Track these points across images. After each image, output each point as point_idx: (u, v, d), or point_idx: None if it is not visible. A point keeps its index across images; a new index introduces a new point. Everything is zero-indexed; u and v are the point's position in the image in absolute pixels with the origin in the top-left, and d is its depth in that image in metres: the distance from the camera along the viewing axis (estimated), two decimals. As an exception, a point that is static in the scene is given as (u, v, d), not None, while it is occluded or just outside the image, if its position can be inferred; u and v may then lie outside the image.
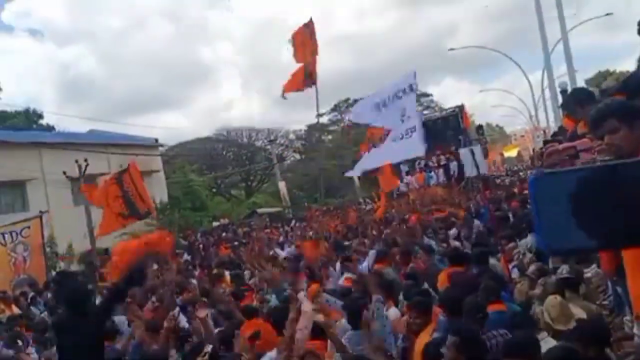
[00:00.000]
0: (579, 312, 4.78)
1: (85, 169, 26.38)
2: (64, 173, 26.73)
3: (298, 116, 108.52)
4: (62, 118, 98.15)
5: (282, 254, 13.97)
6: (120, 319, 7.29)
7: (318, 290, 6.33)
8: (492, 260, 7.90)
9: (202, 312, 6.39)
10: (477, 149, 10.99)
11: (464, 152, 12.53)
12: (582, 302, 5.40)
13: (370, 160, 9.91)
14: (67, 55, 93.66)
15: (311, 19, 15.77)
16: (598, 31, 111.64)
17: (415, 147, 10.13)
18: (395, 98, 9.72)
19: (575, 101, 6.04)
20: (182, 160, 43.88)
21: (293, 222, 27.42)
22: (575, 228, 1.87)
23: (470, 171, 11.16)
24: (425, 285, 6.96)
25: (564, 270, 5.67)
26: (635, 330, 4.45)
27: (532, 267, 6.41)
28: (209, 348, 5.09)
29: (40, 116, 44.39)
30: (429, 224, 13.06)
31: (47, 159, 28.86)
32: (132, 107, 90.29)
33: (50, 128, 42.14)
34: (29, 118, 43.08)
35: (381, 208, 15.11)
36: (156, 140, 37.32)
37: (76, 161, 26.13)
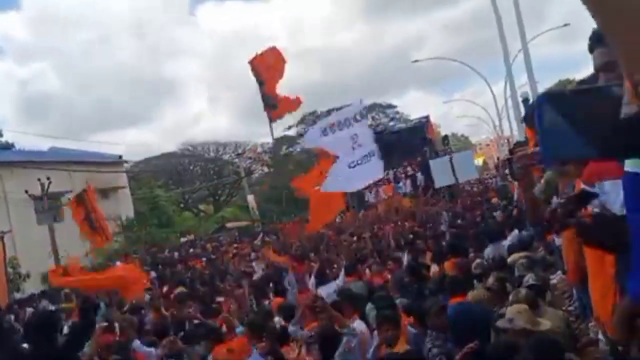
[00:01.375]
0: (545, 322, 4.81)
1: (48, 187, 25.87)
2: (26, 192, 26.14)
3: (264, 129, 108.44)
4: (22, 136, 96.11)
5: (258, 270, 13.87)
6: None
7: None
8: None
9: None
10: (460, 156, 11.06)
11: (435, 163, 12.58)
12: (549, 309, 5.44)
13: (332, 185, 9.84)
14: (28, 72, 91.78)
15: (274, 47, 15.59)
16: (557, 41, 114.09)
17: (375, 170, 10.16)
18: (345, 126, 9.80)
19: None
20: (148, 175, 43.36)
21: (261, 235, 27.26)
22: (576, 139, 2.25)
23: (447, 180, 11.22)
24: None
25: (530, 279, 5.71)
26: (600, 336, 4.54)
27: (490, 279, 6.12)
28: None
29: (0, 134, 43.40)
30: (402, 234, 13.19)
31: (7, 177, 28.18)
32: (96, 124, 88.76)
33: (10, 146, 41.17)
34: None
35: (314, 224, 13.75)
36: (120, 156, 36.84)
37: (38, 179, 25.60)
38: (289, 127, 53.77)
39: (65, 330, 10.28)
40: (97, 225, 11.86)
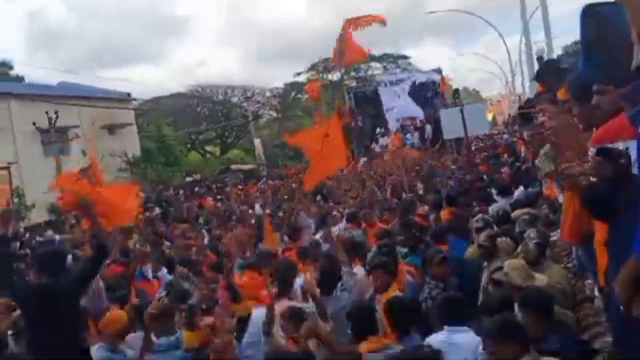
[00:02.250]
0: (542, 277, 4.84)
1: (56, 121, 25.93)
2: (34, 124, 26.21)
3: (275, 74, 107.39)
4: (33, 69, 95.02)
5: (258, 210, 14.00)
6: None
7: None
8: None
9: None
10: (472, 108, 10.92)
11: (446, 113, 12.42)
12: (553, 265, 5.47)
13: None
14: (38, 4, 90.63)
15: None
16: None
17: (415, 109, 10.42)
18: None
19: (550, 72, 6.13)
20: (156, 114, 43.22)
21: (264, 179, 27.37)
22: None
23: (456, 132, 11.12)
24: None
25: (531, 234, 5.71)
26: (596, 293, 4.58)
27: (482, 236, 6.04)
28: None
29: (10, 67, 43.17)
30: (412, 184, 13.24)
31: (16, 109, 28.12)
32: (106, 59, 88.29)
33: (20, 79, 41.00)
34: (-4, 68, 41.89)
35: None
36: (128, 94, 36.66)
37: (46, 113, 25.63)
38: (299, 74, 53.29)
39: (69, 260, 10.49)
40: None
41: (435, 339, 4.36)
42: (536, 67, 19.62)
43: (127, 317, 5.52)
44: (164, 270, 7.47)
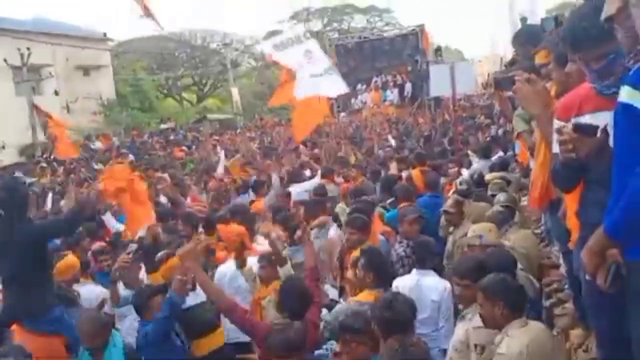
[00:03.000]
0: (512, 239, 4.93)
1: (29, 58, 25.19)
2: (5, 61, 25.42)
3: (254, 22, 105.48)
4: (5, 2, 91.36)
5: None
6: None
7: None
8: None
9: None
10: (461, 65, 10.83)
11: (435, 69, 12.29)
12: (519, 230, 5.56)
13: (303, 90, 9.84)
14: None
15: None
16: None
17: (337, 87, 10.23)
18: (295, 42, 9.82)
19: (526, 37, 6.13)
20: (132, 56, 42.25)
21: (239, 130, 27.11)
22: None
23: (444, 89, 11.05)
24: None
25: (501, 197, 5.80)
26: (561, 260, 4.68)
27: (449, 201, 6.28)
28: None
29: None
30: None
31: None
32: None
33: (-10, 11, 39.59)
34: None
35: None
36: (105, 34, 35.70)
37: (18, 49, 24.85)
38: (280, 22, 52.31)
39: (49, 202, 10.35)
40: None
41: (404, 282, 4.50)
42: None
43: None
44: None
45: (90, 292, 5.50)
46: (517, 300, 3.44)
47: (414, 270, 4.76)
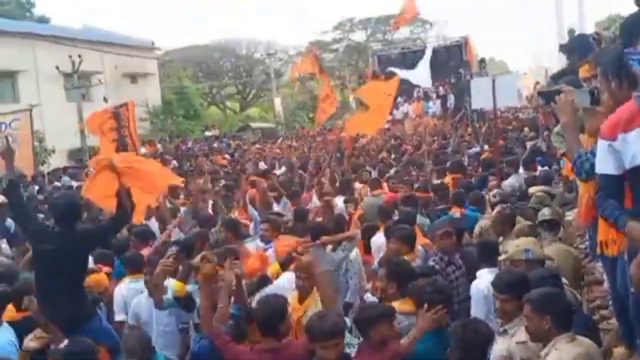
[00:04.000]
0: (551, 253, 4.83)
1: (79, 66, 25.96)
2: (57, 68, 26.28)
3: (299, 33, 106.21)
4: (55, 10, 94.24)
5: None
6: None
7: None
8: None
9: None
10: (504, 78, 10.67)
11: (476, 82, 12.17)
12: (554, 244, 5.43)
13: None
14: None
15: None
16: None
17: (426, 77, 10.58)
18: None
19: (573, 45, 6.03)
20: (178, 65, 43.09)
21: (281, 139, 27.27)
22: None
23: (485, 102, 10.93)
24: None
25: (545, 211, 5.70)
26: (605, 277, 4.57)
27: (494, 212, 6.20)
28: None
29: (32, 4, 42.93)
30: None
31: (40, 51, 28.19)
32: (132, 6, 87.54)
33: (44, 20, 40.91)
34: (21, 6, 41.64)
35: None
36: (152, 42, 36.56)
37: (70, 56, 25.65)
38: (324, 32, 52.56)
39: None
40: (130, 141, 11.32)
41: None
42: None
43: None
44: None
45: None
46: (565, 315, 3.40)
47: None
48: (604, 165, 2.69)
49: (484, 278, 4.65)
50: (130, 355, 4.12)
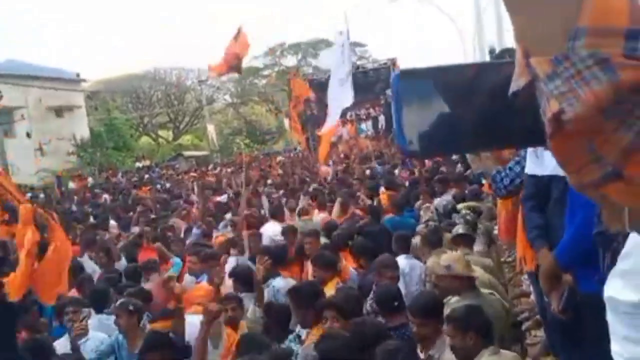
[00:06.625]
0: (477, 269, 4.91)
1: (0, 101, 24.98)
2: (-24, 104, 25.17)
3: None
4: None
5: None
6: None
7: None
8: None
9: None
10: None
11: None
12: (476, 258, 5.52)
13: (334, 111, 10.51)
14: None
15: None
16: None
17: (349, 95, 10.70)
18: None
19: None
20: (107, 96, 42.18)
21: (218, 168, 26.93)
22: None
23: None
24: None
25: (459, 229, 5.79)
26: (531, 288, 4.69)
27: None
28: None
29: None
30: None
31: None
32: (56, 38, 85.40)
33: (-39, 54, 39.34)
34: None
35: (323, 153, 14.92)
36: (78, 74, 35.66)
37: (-10, 91, 24.67)
38: (255, 58, 52.68)
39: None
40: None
41: None
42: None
43: None
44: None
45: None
46: (487, 327, 3.45)
47: None
48: (532, 166, 2.76)
49: (401, 262, 5.25)
50: None
